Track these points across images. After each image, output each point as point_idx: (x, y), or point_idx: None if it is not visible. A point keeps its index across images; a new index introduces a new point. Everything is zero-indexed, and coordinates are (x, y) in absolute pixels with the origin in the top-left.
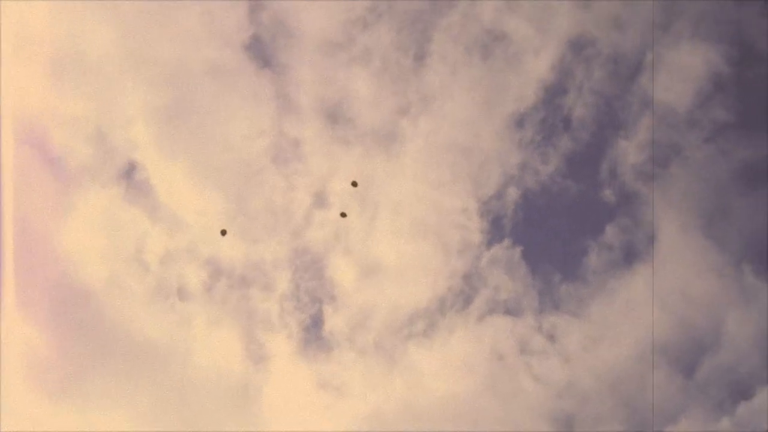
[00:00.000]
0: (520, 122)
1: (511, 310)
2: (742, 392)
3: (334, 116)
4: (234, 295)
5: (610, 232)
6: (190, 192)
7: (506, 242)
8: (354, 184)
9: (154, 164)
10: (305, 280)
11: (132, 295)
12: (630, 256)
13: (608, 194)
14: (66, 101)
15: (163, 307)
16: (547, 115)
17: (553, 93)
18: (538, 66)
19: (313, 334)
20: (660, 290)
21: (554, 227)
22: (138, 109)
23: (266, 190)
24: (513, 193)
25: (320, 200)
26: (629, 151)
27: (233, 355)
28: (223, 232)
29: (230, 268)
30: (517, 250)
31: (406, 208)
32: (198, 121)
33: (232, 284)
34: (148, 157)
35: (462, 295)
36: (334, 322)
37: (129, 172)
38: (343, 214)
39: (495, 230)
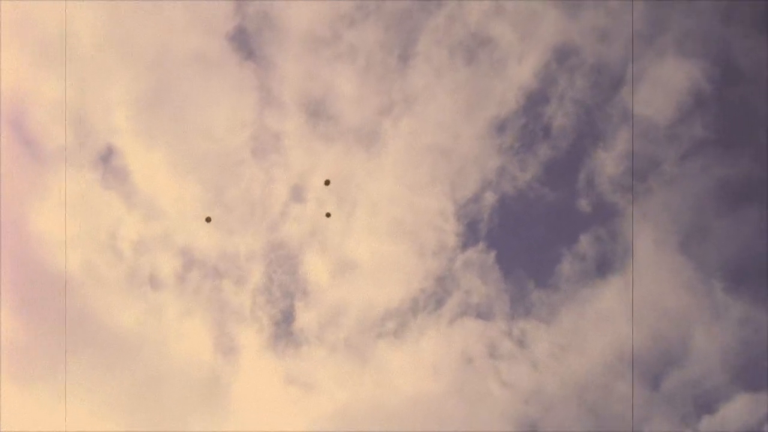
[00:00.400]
0: (501, 127)
1: (482, 314)
2: (706, 406)
3: (317, 112)
4: (206, 286)
5: (585, 242)
6: (168, 180)
7: (481, 246)
8: (327, 182)
9: (132, 150)
10: (279, 274)
11: (105, 282)
12: (603, 266)
13: (584, 204)
14: (47, 83)
15: (134, 296)
16: (528, 122)
17: (535, 100)
18: (522, 72)
19: (284, 329)
20: (631, 302)
21: (529, 233)
22: (119, 94)
23: (245, 182)
24: (490, 198)
25: (298, 195)
26: (607, 163)
27: (203, 347)
28: (208, 219)
29: (204, 258)
30: (491, 255)
31: (383, 207)
32: (179, 109)
33: (205, 275)
34: (127, 143)
35: (434, 297)
36: (306, 318)
37: (106, 157)
38: (328, 215)
39: (470, 233)
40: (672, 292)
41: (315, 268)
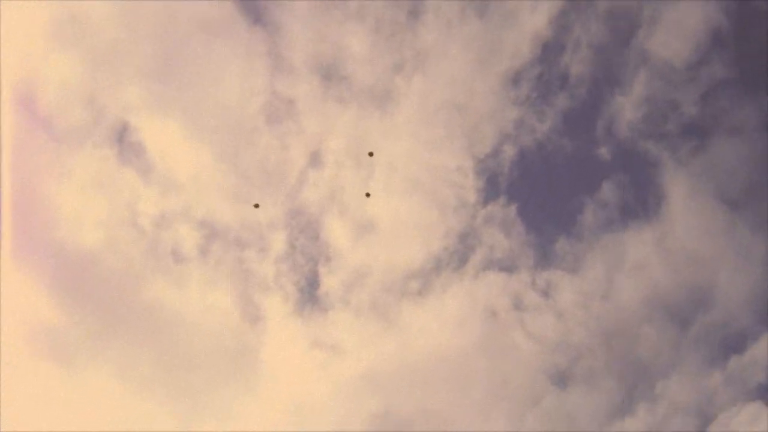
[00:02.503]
0: (516, 79)
1: (506, 268)
2: (734, 347)
3: (328, 74)
4: (229, 257)
5: (606, 189)
6: (184, 153)
7: (501, 200)
8: (370, 154)
9: (146, 126)
10: (300, 240)
11: (128, 259)
12: (625, 212)
13: (604, 151)
14: (59, 63)
15: (158, 270)
16: (543, 72)
17: (550, 49)
18: (535, 22)
19: (309, 294)
20: (658, 247)
21: (550, 184)
22: (130, 69)
23: (260, 151)
24: (508, 151)
25: (315, 160)
26: (626, 108)
27: (229, 317)
28: (256, 206)
29: (225, 229)
30: (513, 208)
31: (401, 167)
32: (189, 81)
33: (227, 246)
34: (141, 118)
35: (457, 254)
36: (330, 282)
37: (121, 134)
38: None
39: (490, 188)
40: (697, 235)
41: (336, 232)
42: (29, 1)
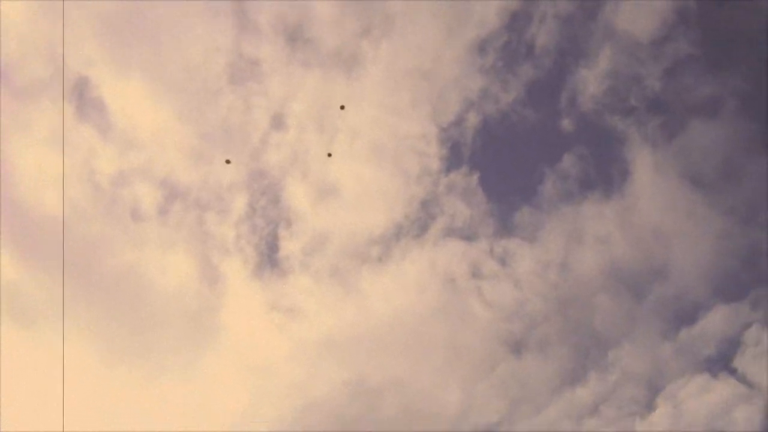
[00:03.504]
0: (482, 48)
1: (466, 236)
2: (686, 318)
3: (294, 37)
4: (189, 218)
5: (567, 161)
6: (144, 111)
7: (464, 169)
8: (342, 107)
9: (107, 81)
10: (261, 203)
11: (86, 217)
12: (586, 184)
13: (567, 123)
14: (17, 15)
15: (116, 230)
16: (510, 42)
17: (517, 19)
18: None
19: (268, 258)
20: (617, 219)
21: (512, 154)
22: (91, 25)
23: (223, 111)
24: (472, 120)
25: (278, 122)
26: (590, 81)
27: (188, 278)
28: (228, 162)
29: (185, 190)
30: (475, 177)
31: (365, 132)
32: (152, 38)
33: (187, 207)
34: (101, 73)
35: (418, 222)
36: (290, 246)
37: (81, 89)
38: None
39: (453, 157)
40: (658, 210)
41: (298, 196)
42: None
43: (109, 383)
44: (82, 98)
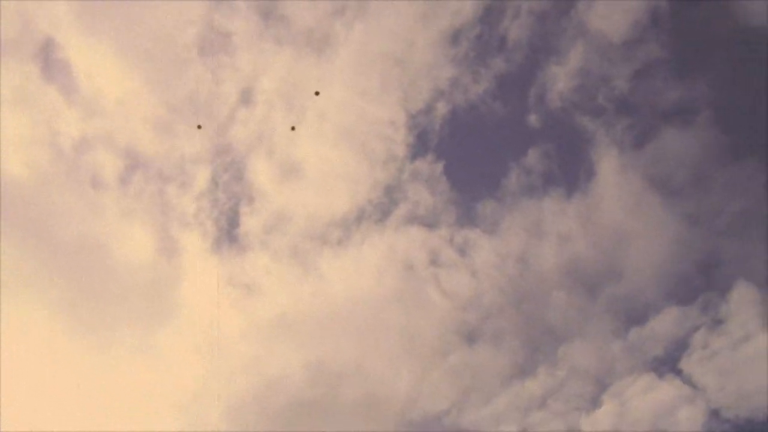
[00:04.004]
0: (455, 38)
1: (427, 223)
2: (636, 318)
3: (268, 12)
4: (150, 189)
5: (532, 156)
6: (111, 76)
7: (430, 157)
8: (317, 93)
9: (74, 44)
10: (224, 178)
11: (46, 182)
12: (549, 180)
13: (534, 119)
14: None
15: (75, 196)
16: (483, 34)
17: (491, 12)
18: None
19: (228, 233)
20: (577, 217)
21: (478, 146)
22: None
23: (191, 82)
24: (441, 109)
25: (246, 98)
26: (560, 77)
27: (146, 250)
28: (199, 127)
29: (148, 160)
30: (440, 166)
31: (333, 114)
32: (124, 3)
33: (149, 177)
34: (69, 35)
35: (381, 207)
36: (250, 223)
37: (47, 50)
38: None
39: (420, 144)
40: (618, 211)
41: (261, 173)
42: None
43: (64, 351)
44: (48, 60)
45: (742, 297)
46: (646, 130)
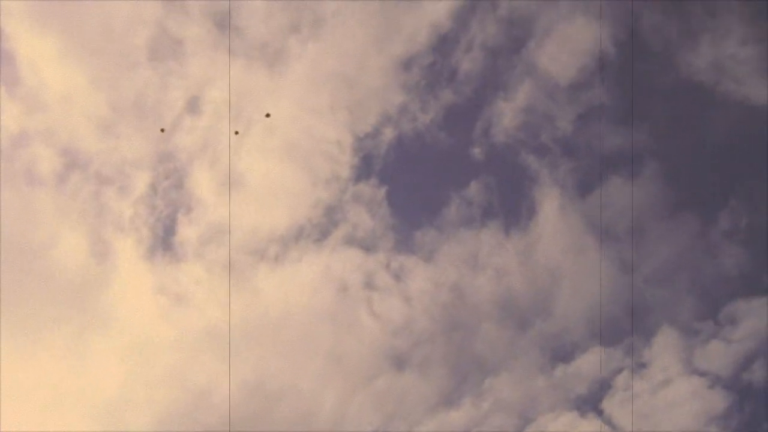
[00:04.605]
0: (407, 65)
1: (365, 246)
2: (563, 356)
3: (222, 22)
4: (86, 190)
5: (474, 188)
6: (56, 72)
7: (373, 180)
8: (267, 115)
9: (19, 34)
10: (164, 185)
11: None
12: (488, 213)
13: (478, 152)
14: None
15: (7, 190)
16: (435, 63)
17: (445, 42)
18: (436, 11)
19: (163, 241)
20: (513, 251)
21: (421, 174)
22: None
23: (138, 85)
24: (388, 134)
25: (193, 106)
26: (506, 113)
27: (78, 251)
28: (162, 131)
29: (86, 160)
30: (382, 190)
31: (279, 129)
32: None
33: (86, 178)
34: (14, 25)
35: (320, 226)
36: (187, 233)
37: None
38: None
39: (364, 167)
40: (555, 249)
41: (202, 183)
42: None
43: None
44: None
45: (665, 342)
46: (589, 174)
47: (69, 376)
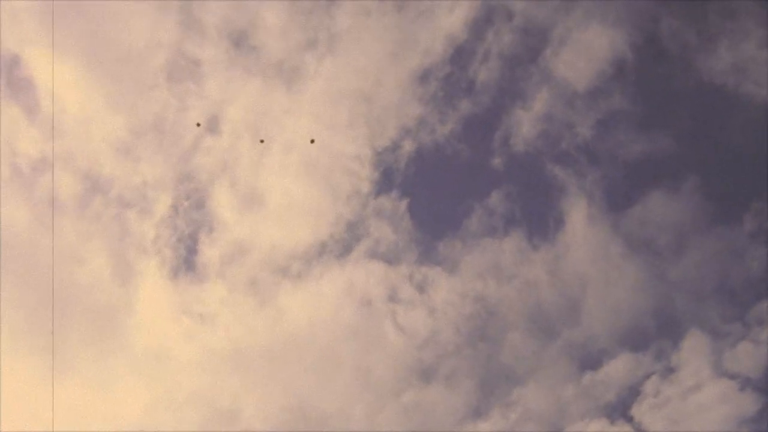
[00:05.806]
0: (424, 77)
1: (388, 260)
2: (591, 363)
3: (239, 42)
4: (108, 213)
5: (495, 198)
6: (76, 98)
7: (394, 194)
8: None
9: (40, 62)
10: (185, 206)
11: (3, 201)
12: (511, 222)
13: (498, 162)
14: None
15: (32, 215)
16: (452, 74)
17: (461, 53)
18: (451, 23)
19: (186, 262)
20: (537, 260)
21: (442, 185)
22: (30, 4)
23: (157, 108)
24: (407, 147)
25: (212, 126)
26: (524, 122)
27: (102, 274)
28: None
29: (107, 184)
30: (404, 203)
31: (299, 146)
32: (93, 23)
33: (108, 201)
34: (35, 53)
35: (342, 242)
36: (209, 253)
37: (11, 67)
38: (262, 141)
39: (385, 181)
40: (579, 256)
41: (223, 203)
42: None
43: (12, 375)
44: (11, 75)
45: (694, 346)
46: (615, 182)
47: (94, 400)
